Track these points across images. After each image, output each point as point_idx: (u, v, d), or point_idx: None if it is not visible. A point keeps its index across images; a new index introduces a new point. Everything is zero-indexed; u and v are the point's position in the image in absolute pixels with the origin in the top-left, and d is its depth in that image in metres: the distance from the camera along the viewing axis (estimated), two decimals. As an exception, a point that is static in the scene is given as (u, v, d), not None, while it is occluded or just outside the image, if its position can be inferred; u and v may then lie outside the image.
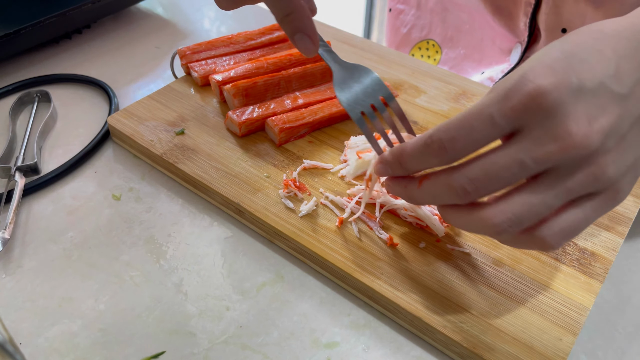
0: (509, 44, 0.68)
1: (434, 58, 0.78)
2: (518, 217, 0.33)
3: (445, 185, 0.35)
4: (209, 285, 0.43)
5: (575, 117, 0.31)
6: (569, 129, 0.31)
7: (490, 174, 0.33)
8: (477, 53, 0.73)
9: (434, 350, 0.40)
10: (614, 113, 0.32)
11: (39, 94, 0.61)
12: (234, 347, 0.39)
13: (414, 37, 0.80)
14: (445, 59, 0.77)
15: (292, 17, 0.42)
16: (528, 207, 0.33)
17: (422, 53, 0.79)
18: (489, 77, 0.70)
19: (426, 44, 0.78)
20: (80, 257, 0.45)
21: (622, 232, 0.45)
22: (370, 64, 0.64)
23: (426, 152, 0.35)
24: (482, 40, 0.71)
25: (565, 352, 0.37)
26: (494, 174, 0.33)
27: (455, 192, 0.34)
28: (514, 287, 0.41)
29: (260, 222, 0.46)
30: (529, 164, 0.32)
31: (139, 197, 0.50)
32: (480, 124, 0.33)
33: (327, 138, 0.54)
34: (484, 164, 0.33)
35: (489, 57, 0.71)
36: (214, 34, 0.76)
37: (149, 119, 0.55)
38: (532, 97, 0.32)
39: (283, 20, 0.43)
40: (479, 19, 0.70)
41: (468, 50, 0.74)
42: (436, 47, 0.77)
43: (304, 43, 0.43)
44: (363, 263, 0.42)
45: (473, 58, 0.73)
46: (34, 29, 0.64)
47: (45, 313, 0.41)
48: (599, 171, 0.32)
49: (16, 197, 0.48)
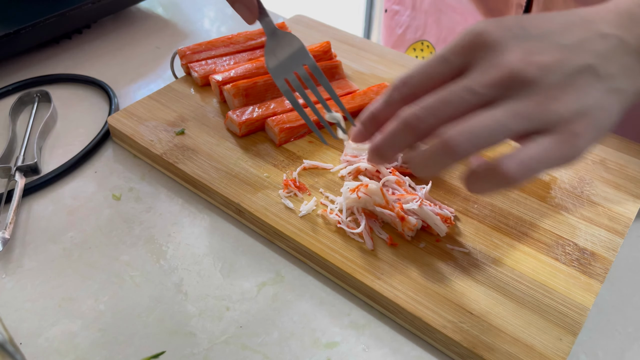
0: None
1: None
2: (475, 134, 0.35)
3: (400, 120, 0.37)
4: (209, 285, 0.43)
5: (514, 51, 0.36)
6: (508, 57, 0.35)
7: (442, 99, 0.36)
8: None
9: (434, 350, 0.40)
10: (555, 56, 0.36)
11: (39, 94, 0.61)
12: (234, 347, 0.39)
13: (408, 38, 0.80)
14: None
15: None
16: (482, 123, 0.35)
17: (417, 54, 0.79)
18: None
19: (421, 45, 0.78)
20: (80, 257, 0.45)
21: (622, 232, 0.45)
22: (370, 64, 0.64)
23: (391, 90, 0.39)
24: None
25: (565, 352, 0.37)
26: (445, 99, 0.36)
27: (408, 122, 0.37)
28: (513, 287, 0.41)
29: (260, 222, 0.46)
30: (477, 89, 0.35)
31: (139, 197, 0.50)
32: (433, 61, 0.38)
33: (327, 138, 0.54)
34: (436, 94, 0.37)
35: None
36: (214, 34, 0.76)
37: (149, 119, 0.55)
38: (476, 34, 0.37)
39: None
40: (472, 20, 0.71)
41: None
42: (430, 47, 0.77)
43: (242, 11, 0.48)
44: (363, 263, 0.42)
45: None
46: (34, 29, 0.64)
47: (45, 313, 0.41)
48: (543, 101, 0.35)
49: (16, 197, 0.48)
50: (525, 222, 0.46)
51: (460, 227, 0.45)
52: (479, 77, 0.36)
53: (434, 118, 0.36)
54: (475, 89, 0.36)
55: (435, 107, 0.36)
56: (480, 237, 0.45)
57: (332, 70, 0.59)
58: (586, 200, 0.48)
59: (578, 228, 0.46)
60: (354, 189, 0.45)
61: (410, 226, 0.44)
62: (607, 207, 0.48)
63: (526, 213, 0.47)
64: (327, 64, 0.59)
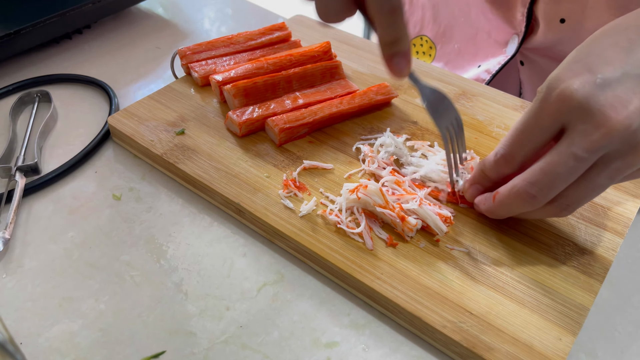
0: (506, 36, 0.68)
1: (429, 54, 0.78)
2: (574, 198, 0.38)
3: (513, 194, 0.40)
4: (209, 285, 0.43)
5: (609, 104, 0.36)
6: (607, 114, 0.35)
7: (548, 172, 0.38)
8: (472, 47, 0.73)
9: (433, 350, 0.40)
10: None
11: (39, 94, 0.61)
12: (234, 346, 0.39)
13: None
14: (440, 54, 0.77)
15: (399, 41, 0.41)
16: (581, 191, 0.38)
17: (417, 49, 0.79)
18: (486, 70, 0.70)
19: (420, 41, 0.78)
20: (81, 257, 0.45)
21: (622, 232, 0.45)
22: (371, 64, 0.64)
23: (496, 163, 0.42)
24: (476, 34, 0.71)
25: (565, 352, 0.37)
26: (551, 171, 0.37)
27: (523, 199, 0.39)
28: (513, 287, 0.41)
29: (260, 222, 0.46)
30: (581, 154, 0.36)
31: (139, 197, 0.50)
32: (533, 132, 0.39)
33: (327, 138, 0.54)
34: (540, 165, 0.38)
35: (485, 50, 0.71)
36: (214, 34, 0.76)
37: (149, 119, 0.55)
38: (561, 100, 0.37)
39: (389, 44, 0.41)
40: (474, 12, 0.70)
41: (462, 45, 0.74)
42: (429, 43, 0.77)
43: (401, 66, 0.42)
44: (363, 263, 0.42)
45: (468, 52, 0.73)
46: (34, 29, 0.65)
47: (45, 313, 0.41)
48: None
49: (17, 197, 0.48)
50: (525, 222, 0.46)
51: (460, 227, 0.46)
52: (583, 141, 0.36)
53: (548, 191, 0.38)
54: (581, 155, 0.36)
55: (546, 182, 0.38)
56: (480, 237, 0.45)
57: (332, 71, 0.59)
58: (586, 200, 0.48)
59: (578, 228, 0.46)
60: (353, 190, 0.45)
61: (410, 226, 0.44)
62: (607, 207, 0.48)
63: (526, 213, 0.47)
64: (327, 64, 0.59)
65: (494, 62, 0.69)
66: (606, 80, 0.36)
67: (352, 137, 0.54)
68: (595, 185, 0.38)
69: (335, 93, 0.58)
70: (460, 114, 0.47)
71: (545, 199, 0.39)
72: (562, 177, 0.37)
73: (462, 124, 0.47)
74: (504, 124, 0.56)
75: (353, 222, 0.45)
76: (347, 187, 0.46)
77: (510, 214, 0.43)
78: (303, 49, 0.61)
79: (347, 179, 0.50)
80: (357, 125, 0.55)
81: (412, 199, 0.45)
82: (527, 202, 0.39)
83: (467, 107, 0.58)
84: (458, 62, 0.75)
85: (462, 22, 0.72)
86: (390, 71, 0.42)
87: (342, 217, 0.45)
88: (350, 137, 0.54)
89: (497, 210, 0.43)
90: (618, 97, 0.36)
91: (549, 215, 0.41)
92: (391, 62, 0.42)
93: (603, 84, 0.36)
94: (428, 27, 0.77)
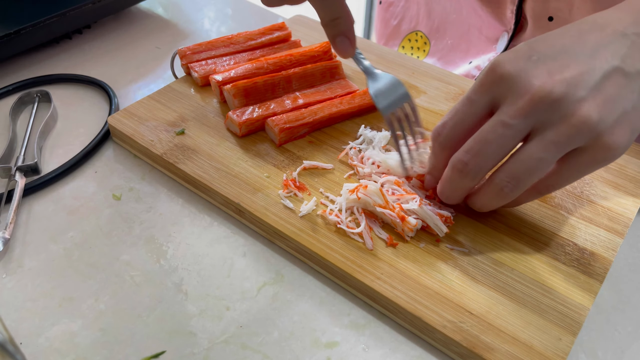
0: (496, 33, 0.68)
1: (423, 49, 0.78)
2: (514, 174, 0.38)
3: (450, 167, 0.40)
4: (209, 285, 0.43)
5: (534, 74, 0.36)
6: (532, 83, 0.36)
7: (478, 139, 0.38)
8: (464, 43, 0.73)
9: (433, 350, 0.40)
10: (577, 68, 0.36)
11: (39, 94, 0.61)
12: (234, 346, 0.39)
13: (403, 29, 0.81)
14: (434, 50, 0.77)
15: (338, 21, 0.44)
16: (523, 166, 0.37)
17: (412, 45, 0.79)
18: (477, 66, 0.71)
19: (415, 36, 0.79)
20: (81, 257, 0.45)
21: (622, 232, 0.46)
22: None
23: (433, 143, 0.42)
24: (468, 30, 0.72)
25: (565, 352, 0.37)
26: (483, 139, 0.38)
27: (458, 169, 0.39)
28: (513, 287, 0.41)
29: (260, 222, 0.46)
30: (507, 120, 0.37)
31: (139, 197, 0.50)
32: (461, 105, 0.39)
33: (327, 138, 0.54)
34: (475, 135, 0.39)
35: (476, 47, 0.72)
36: (214, 34, 0.76)
37: (149, 119, 0.55)
38: (493, 70, 0.37)
39: (329, 24, 0.45)
40: (466, 9, 0.71)
41: (455, 41, 0.74)
42: (424, 38, 0.78)
43: (344, 46, 0.45)
44: (363, 263, 0.42)
45: (460, 48, 0.74)
46: (34, 29, 0.65)
47: (45, 313, 0.41)
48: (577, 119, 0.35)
49: (16, 197, 0.48)
50: (525, 222, 0.46)
51: (460, 227, 0.46)
52: (509, 109, 0.37)
53: (480, 158, 0.38)
54: (508, 122, 0.37)
55: (477, 148, 0.38)
56: (480, 237, 0.45)
57: (332, 71, 0.59)
58: (586, 200, 0.48)
59: (578, 228, 0.46)
60: (353, 190, 0.45)
61: (410, 226, 0.44)
62: (606, 207, 0.48)
63: (526, 213, 0.47)
64: (327, 64, 0.59)
65: (485, 58, 0.70)
66: (541, 56, 0.37)
67: (352, 137, 0.54)
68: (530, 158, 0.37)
69: (335, 93, 0.58)
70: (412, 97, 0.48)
71: (478, 168, 0.38)
72: (492, 144, 0.37)
73: (415, 106, 0.47)
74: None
75: (353, 222, 0.45)
76: (347, 187, 0.46)
77: (455, 192, 0.42)
78: (303, 49, 0.61)
79: (347, 179, 0.50)
80: (357, 125, 0.55)
81: (412, 199, 0.45)
82: (463, 172, 0.39)
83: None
84: (450, 57, 0.76)
85: (455, 18, 0.73)
86: (336, 51, 0.46)
87: (342, 217, 0.45)
88: (350, 137, 0.54)
89: (443, 189, 0.42)
90: (548, 69, 0.36)
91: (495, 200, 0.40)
92: (334, 42, 0.46)
93: (537, 60, 0.37)
94: (423, 22, 0.77)
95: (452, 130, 0.40)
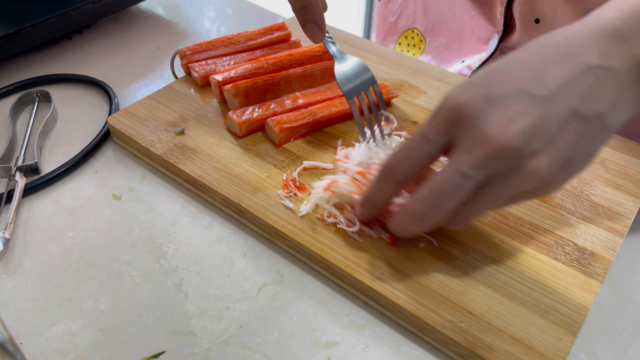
0: (487, 33, 0.69)
1: (418, 47, 0.79)
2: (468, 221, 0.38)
3: (406, 214, 0.38)
4: (209, 285, 0.43)
5: (492, 121, 0.34)
6: (488, 132, 0.34)
7: (437, 190, 0.36)
8: (457, 42, 0.74)
9: (433, 350, 0.40)
10: (535, 114, 0.34)
11: (39, 94, 0.61)
12: (234, 346, 0.39)
13: (400, 27, 0.81)
14: (429, 47, 0.78)
15: (307, 8, 0.49)
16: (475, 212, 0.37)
17: (408, 42, 0.80)
18: (468, 66, 0.71)
19: (411, 33, 0.80)
20: (81, 257, 0.45)
21: (622, 232, 0.46)
22: (371, 64, 0.64)
23: (382, 179, 0.40)
24: (462, 30, 0.73)
25: (565, 352, 0.37)
26: (440, 189, 0.36)
27: (417, 219, 0.38)
28: (513, 287, 0.41)
29: (260, 222, 0.46)
30: (465, 171, 0.35)
31: (139, 197, 0.50)
32: (417, 143, 0.37)
33: (327, 138, 0.54)
34: (429, 183, 0.37)
35: (469, 46, 0.72)
36: (214, 34, 0.76)
37: (149, 119, 0.55)
38: (452, 109, 0.36)
39: (299, 11, 0.49)
40: (460, 8, 0.71)
41: (449, 39, 0.75)
42: (420, 36, 0.78)
43: (313, 31, 0.50)
44: (363, 263, 0.42)
45: (454, 47, 0.74)
46: (34, 29, 0.65)
47: (45, 313, 0.41)
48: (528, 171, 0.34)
49: (16, 197, 0.48)
50: (525, 222, 0.46)
51: (460, 227, 0.45)
52: (466, 156, 0.35)
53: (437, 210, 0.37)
54: (466, 173, 0.35)
55: (434, 199, 0.37)
56: (480, 237, 0.45)
57: (332, 71, 0.59)
58: (586, 200, 0.48)
59: (578, 228, 0.46)
60: (327, 187, 0.45)
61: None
62: (607, 207, 0.48)
63: (526, 213, 0.47)
64: (327, 64, 0.59)
65: (476, 58, 0.71)
66: (499, 97, 0.35)
67: (352, 137, 0.54)
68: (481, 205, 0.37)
69: (335, 93, 0.58)
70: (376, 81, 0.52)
71: (434, 217, 0.37)
72: (450, 194, 0.36)
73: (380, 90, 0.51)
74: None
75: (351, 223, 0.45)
76: (320, 185, 0.46)
77: (408, 232, 0.39)
78: (303, 49, 0.61)
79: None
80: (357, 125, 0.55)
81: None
82: (419, 220, 0.37)
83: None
84: (444, 56, 0.76)
85: (449, 17, 0.74)
86: (307, 36, 0.50)
87: (340, 218, 0.45)
88: (350, 137, 0.54)
89: (396, 229, 0.40)
90: (506, 115, 0.34)
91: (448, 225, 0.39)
92: (305, 27, 0.50)
93: (494, 100, 0.34)
94: (419, 20, 0.78)
95: (408, 168, 0.38)
